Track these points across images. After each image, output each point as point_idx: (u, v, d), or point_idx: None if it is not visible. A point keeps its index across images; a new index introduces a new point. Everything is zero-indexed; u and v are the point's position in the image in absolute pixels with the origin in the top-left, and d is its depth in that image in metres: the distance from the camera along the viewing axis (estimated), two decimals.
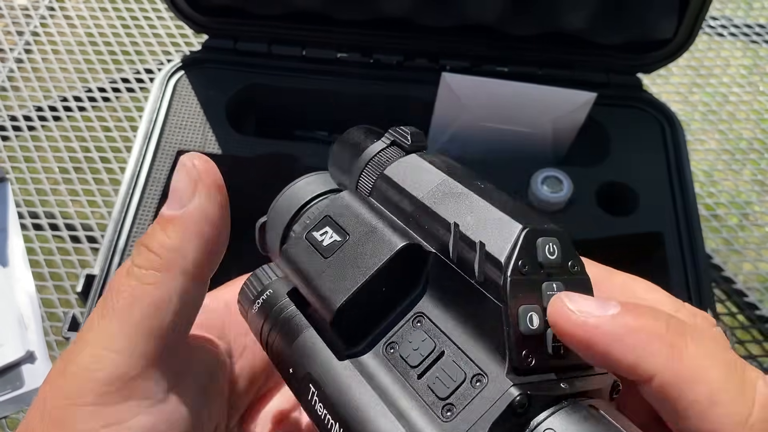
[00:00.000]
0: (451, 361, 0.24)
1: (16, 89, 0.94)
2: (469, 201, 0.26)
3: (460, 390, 0.23)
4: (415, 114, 0.75)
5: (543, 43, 0.73)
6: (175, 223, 0.27)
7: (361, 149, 0.30)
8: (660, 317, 0.23)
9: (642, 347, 0.22)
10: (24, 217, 0.81)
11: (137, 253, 0.27)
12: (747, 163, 0.94)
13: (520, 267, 0.23)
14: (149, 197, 0.65)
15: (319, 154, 0.69)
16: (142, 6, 1.05)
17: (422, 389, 0.24)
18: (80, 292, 0.58)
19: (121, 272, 0.27)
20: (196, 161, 0.28)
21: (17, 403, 0.66)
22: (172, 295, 0.26)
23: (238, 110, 0.74)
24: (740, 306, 0.81)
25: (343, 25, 0.73)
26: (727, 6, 1.12)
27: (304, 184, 0.33)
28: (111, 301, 0.26)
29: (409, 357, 0.25)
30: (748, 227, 0.87)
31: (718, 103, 0.99)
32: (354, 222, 0.27)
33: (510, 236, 0.24)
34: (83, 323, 0.30)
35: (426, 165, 0.28)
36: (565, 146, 0.75)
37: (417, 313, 0.26)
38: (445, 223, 0.25)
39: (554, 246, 0.24)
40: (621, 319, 0.22)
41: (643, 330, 0.22)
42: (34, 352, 0.69)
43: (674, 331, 0.22)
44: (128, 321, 0.26)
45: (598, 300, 0.23)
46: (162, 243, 0.27)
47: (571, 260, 0.25)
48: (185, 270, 0.27)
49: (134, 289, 0.26)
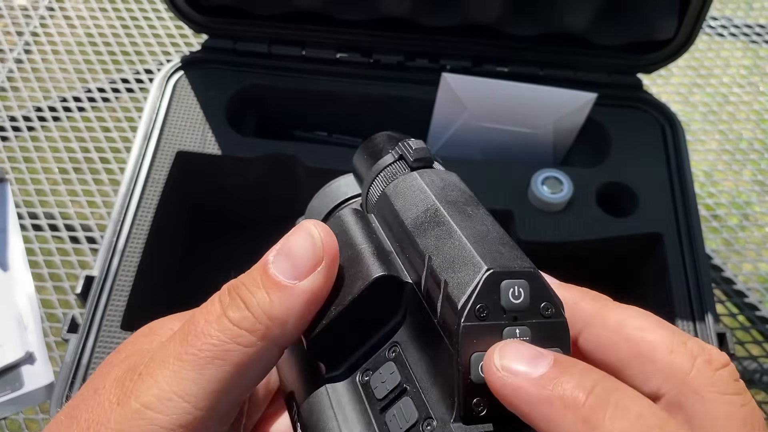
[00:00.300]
0: (409, 401, 0.24)
1: (15, 90, 0.94)
2: (448, 232, 0.25)
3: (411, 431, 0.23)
4: (415, 114, 0.75)
5: (543, 43, 0.73)
6: (285, 294, 0.25)
7: (374, 160, 0.31)
8: (584, 384, 0.21)
9: (554, 419, 0.20)
10: (23, 217, 0.81)
11: (233, 305, 0.25)
12: (747, 164, 0.93)
13: (478, 311, 0.23)
14: (149, 198, 0.65)
15: (319, 155, 0.69)
16: (142, 6, 1.05)
17: (380, 425, 0.24)
18: (79, 293, 0.58)
19: (210, 312, 0.25)
20: (322, 233, 0.26)
21: (17, 404, 0.66)
22: (259, 363, 0.25)
23: (238, 110, 0.74)
24: (740, 306, 0.81)
25: (343, 25, 0.73)
26: (727, 6, 1.12)
27: (340, 185, 0.33)
28: (194, 344, 0.24)
29: (376, 389, 0.25)
30: (748, 228, 0.87)
31: (718, 104, 0.99)
32: (345, 244, 0.28)
33: (472, 278, 0.23)
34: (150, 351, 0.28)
35: (420, 187, 0.28)
36: (565, 147, 0.75)
37: (393, 342, 0.26)
38: (421, 255, 0.25)
39: (521, 289, 0.23)
40: (540, 383, 0.21)
41: (559, 398, 0.21)
42: (34, 353, 0.69)
43: (593, 402, 0.20)
44: (207, 375, 0.24)
45: (531, 354, 0.22)
46: (265, 309, 0.25)
47: (545, 302, 0.24)
48: (281, 344, 0.26)
49: (223, 344, 0.24)
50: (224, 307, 0.25)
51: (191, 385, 0.24)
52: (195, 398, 0.24)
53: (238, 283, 0.26)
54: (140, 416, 0.24)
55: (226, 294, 0.26)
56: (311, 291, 0.25)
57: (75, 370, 0.55)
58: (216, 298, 0.26)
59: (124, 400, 0.24)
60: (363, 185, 0.31)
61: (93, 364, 0.55)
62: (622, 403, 0.20)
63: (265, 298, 0.25)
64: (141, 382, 0.24)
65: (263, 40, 0.74)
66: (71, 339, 0.56)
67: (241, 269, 0.27)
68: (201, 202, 0.75)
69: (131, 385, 0.25)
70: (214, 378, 0.24)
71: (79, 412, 0.25)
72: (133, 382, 0.25)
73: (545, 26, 0.71)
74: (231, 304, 0.25)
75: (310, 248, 0.25)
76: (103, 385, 0.26)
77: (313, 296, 0.25)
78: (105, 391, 0.25)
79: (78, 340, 0.56)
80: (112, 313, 0.58)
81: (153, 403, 0.24)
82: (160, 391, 0.24)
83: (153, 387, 0.24)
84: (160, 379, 0.24)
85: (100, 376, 0.27)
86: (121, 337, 0.57)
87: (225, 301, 0.26)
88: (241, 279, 0.26)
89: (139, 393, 0.24)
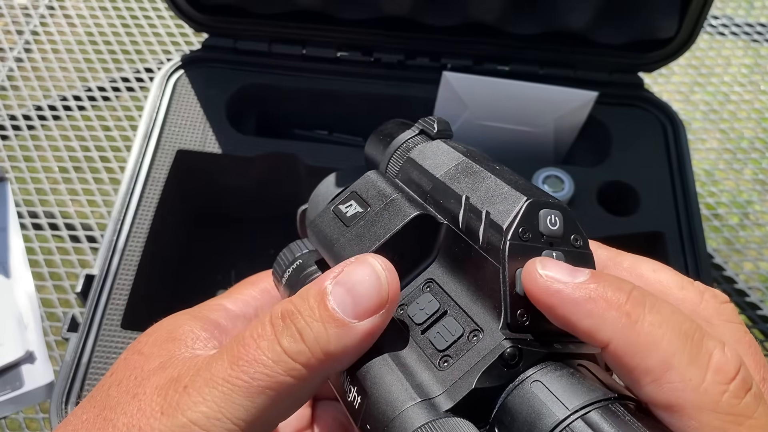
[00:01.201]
0: (452, 319, 0.26)
1: (15, 89, 0.94)
2: (482, 177, 0.28)
3: (458, 344, 0.25)
4: (416, 113, 0.74)
5: (544, 42, 0.73)
6: (344, 331, 0.24)
7: (393, 137, 0.33)
8: (623, 288, 0.23)
9: (598, 314, 0.23)
10: (23, 216, 0.81)
11: (288, 334, 0.25)
12: (748, 163, 0.93)
13: (521, 234, 0.25)
14: (149, 197, 0.65)
15: (319, 153, 0.69)
16: (142, 5, 1.05)
17: (423, 343, 0.26)
18: (80, 292, 0.58)
19: (262, 337, 0.25)
20: (388, 274, 0.25)
21: (17, 404, 0.66)
22: (307, 392, 0.25)
23: (238, 109, 0.74)
24: (741, 306, 0.81)
25: (343, 23, 0.73)
26: (728, 5, 1.12)
27: (342, 174, 0.35)
28: (246, 371, 0.24)
29: (415, 316, 0.27)
30: (749, 227, 0.87)
31: (719, 103, 0.99)
32: (376, 195, 0.30)
33: (514, 207, 0.25)
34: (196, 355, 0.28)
35: (447, 149, 0.31)
36: (566, 145, 0.75)
37: (428, 279, 0.28)
38: (457, 197, 0.28)
39: (557, 218, 0.26)
40: (583, 287, 0.23)
41: (602, 298, 0.23)
42: (34, 352, 0.69)
43: (634, 301, 0.23)
44: (258, 402, 0.24)
45: (570, 268, 0.24)
46: (322, 344, 0.24)
47: (574, 234, 0.26)
48: (331, 375, 0.26)
49: (277, 376, 0.24)
50: (277, 334, 0.25)
51: (241, 411, 0.24)
52: (243, 422, 0.24)
53: (293, 308, 0.25)
54: (186, 430, 0.24)
55: (279, 318, 0.25)
56: (370, 331, 0.25)
57: (75, 369, 0.55)
58: (267, 320, 0.25)
59: (170, 412, 0.24)
60: (381, 161, 0.33)
61: (93, 363, 0.55)
62: (657, 304, 0.23)
63: (322, 332, 0.24)
64: (187, 397, 0.24)
65: (264, 39, 0.74)
66: (71, 338, 0.56)
67: (240, 268, 0.27)
68: (201, 200, 0.75)
69: (176, 396, 0.24)
70: (263, 406, 0.24)
71: (115, 414, 0.25)
72: (178, 394, 0.24)
73: (546, 25, 0.71)
74: (285, 333, 0.25)
75: (375, 289, 0.25)
76: (143, 391, 0.26)
77: (370, 336, 0.25)
78: (146, 398, 0.25)
79: (78, 339, 0.56)
80: (112, 312, 0.58)
81: (200, 420, 0.24)
82: (208, 410, 0.24)
83: (200, 404, 0.24)
84: (208, 398, 0.24)
85: (133, 379, 0.27)
86: (121, 336, 0.57)
87: (278, 327, 0.25)
88: (295, 304, 0.25)
89: (186, 407, 0.24)
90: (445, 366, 0.25)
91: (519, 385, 0.24)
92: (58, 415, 0.52)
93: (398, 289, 0.26)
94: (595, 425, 0.21)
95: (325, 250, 0.30)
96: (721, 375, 0.22)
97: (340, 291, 0.25)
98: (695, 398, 0.21)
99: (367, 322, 0.25)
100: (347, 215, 0.30)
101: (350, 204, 0.30)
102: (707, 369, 0.22)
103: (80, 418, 0.26)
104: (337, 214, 0.30)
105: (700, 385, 0.21)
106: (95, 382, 0.54)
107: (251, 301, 0.33)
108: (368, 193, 0.30)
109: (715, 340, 0.23)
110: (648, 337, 0.22)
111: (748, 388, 0.22)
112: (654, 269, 0.28)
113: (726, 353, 0.22)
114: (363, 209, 0.29)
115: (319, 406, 0.36)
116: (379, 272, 0.25)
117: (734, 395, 0.21)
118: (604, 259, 0.29)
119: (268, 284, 0.34)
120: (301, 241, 0.34)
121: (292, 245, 0.33)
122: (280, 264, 0.33)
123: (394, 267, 0.26)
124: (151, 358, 0.28)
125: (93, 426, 0.26)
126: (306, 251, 0.32)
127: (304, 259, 0.32)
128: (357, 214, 0.29)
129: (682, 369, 0.22)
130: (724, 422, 0.21)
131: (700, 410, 0.21)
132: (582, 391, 0.23)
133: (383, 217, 0.28)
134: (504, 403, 0.23)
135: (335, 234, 0.29)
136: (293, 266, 0.32)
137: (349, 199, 0.31)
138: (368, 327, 0.25)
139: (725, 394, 0.21)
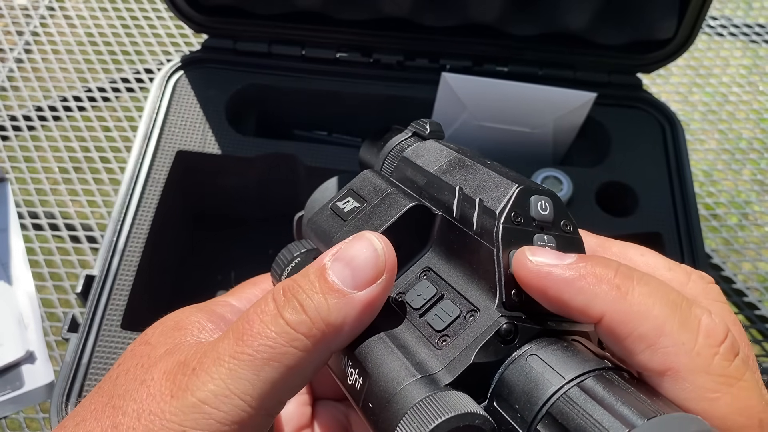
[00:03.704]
0: (449, 302, 0.27)
1: (15, 89, 0.94)
2: (474, 170, 0.29)
3: (455, 324, 0.26)
4: (415, 114, 0.74)
5: (543, 42, 0.73)
6: (343, 301, 0.25)
7: (386, 141, 0.34)
8: (610, 265, 0.24)
9: (590, 289, 0.24)
10: (24, 217, 0.81)
11: (289, 306, 0.25)
12: (747, 163, 0.94)
13: (513, 218, 0.26)
14: (149, 197, 0.65)
15: (318, 154, 0.69)
16: (142, 6, 1.05)
17: (422, 325, 0.27)
18: (80, 292, 0.58)
19: (265, 312, 0.26)
20: (384, 246, 0.26)
21: (17, 403, 0.66)
22: (311, 366, 0.26)
23: (238, 110, 0.74)
24: (740, 306, 0.81)
25: (343, 24, 0.73)
26: (726, 6, 1.12)
27: (338, 180, 0.36)
28: (250, 345, 0.25)
29: (413, 302, 0.28)
30: (747, 227, 0.87)
31: (717, 103, 0.99)
32: (372, 191, 0.31)
33: (506, 193, 0.27)
34: (201, 338, 0.29)
35: (440, 147, 0.32)
36: (564, 146, 0.75)
37: (424, 268, 0.29)
38: (451, 188, 0.29)
39: (547, 204, 0.27)
40: (573, 266, 0.24)
41: (592, 274, 0.24)
42: (34, 352, 0.69)
43: (622, 275, 0.24)
44: (263, 376, 0.24)
45: (557, 253, 0.25)
46: (322, 314, 0.25)
47: (564, 220, 0.28)
48: (333, 348, 0.26)
49: (280, 347, 0.25)
50: (279, 308, 0.25)
51: (247, 385, 0.24)
52: (250, 397, 0.24)
53: (293, 284, 0.26)
54: (197, 410, 0.24)
55: (280, 293, 0.26)
56: (369, 301, 0.26)
57: (75, 369, 0.55)
58: (269, 297, 0.26)
59: (179, 394, 0.24)
60: (376, 165, 0.34)
61: (93, 363, 0.55)
62: (645, 277, 0.24)
63: (323, 302, 0.25)
64: (195, 378, 0.25)
65: (263, 40, 0.74)
66: (71, 338, 0.56)
67: (240, 269, 0.28)
68: (201, 201, 0.75)
69: (185, 379, 0.25)
70: (268, 379, 0.24)
71: (124, 401, 0.26)
72: (187, 377, 0.25)
73: (545, 26, 0.71)
74: (286, 305, 0.25)
75: (373, 260, 0.26)
76: (151, 377, 0.26)
77: (370, 306, 0.26)
78: (155, 383, 0.25)
79: (78, 339, 0.56)
80: (112, 312, 0.58)
81: (209, 399, 0.24)
82: (216, 388, 0.24)
83: (209, 383, 0.24)
84: (215, 376, 0.24)
85: (141, 367, 0.27)
86: (122, 336, 0.57)
87: (280, 301, 0.26)
88: (296, 280, 0.26)
89: (195, 388, 0.24)
90: (444, 345, 0.25)
91: (516, 359, 0.24)
92: (58, 415, 0.52)
93: (395, 260, 0.26)
94: (591, 390, 0.22)
95: (324, 244, 0.30)
96: (711, 338, 0.23)
97: (339, 265, 0.26)
98: (689, 361, 0.22)
99: (365, 292, 0.25)
100: (345, 210, 0.31)
101: (347, 200, 0.31)
102: (698, 333, 0.23)
103: (88, 408, 0.27)
104: (334, 210, 0.31)
105: (692, 348, 0.22)
106: (95, 382, 0.54)
107: (254, 299, 0.33)
108: (364, 190, 0.31)
109: (702, 308, 0.24)
110: (640, 306, 0.23)
111: (736, 353, 0.23)
112: (642, 253, 0.30)
113: (713, 318, 0.23)
114: (360, 204, 0.30)
115: (319, 405, 0.36)
116: (376, 244, 0.26)
117: (725, 357, 0.22)
118: (594, 246, 0.30)
119: (269, 285, 0.35)
120: (299, 242, 0.34)
121: (290, 245, 0.34)
122: (278, 263, 0.33)
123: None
124: (158, 346, 0.28)
125: (102, 414, 0.26)
126: (304, 250, 0.33)
127: (302, 258, 0.32)
128: (354, 209, 0.30)
129: (674, 334, 0.23)
130: (717, 383, 0.22)
131: (694, 372, 0.22)
132: (577, 362, 0.24)
133: (380, 210, 0.29)
134: (502, 378, 0.24)
135: (333, 228, 0.30)
136: (292, 265, 0.32)
137: (346, 196, 0.31)
138: (367, 297, 0.25)
139: (716, 356, 0.22)
